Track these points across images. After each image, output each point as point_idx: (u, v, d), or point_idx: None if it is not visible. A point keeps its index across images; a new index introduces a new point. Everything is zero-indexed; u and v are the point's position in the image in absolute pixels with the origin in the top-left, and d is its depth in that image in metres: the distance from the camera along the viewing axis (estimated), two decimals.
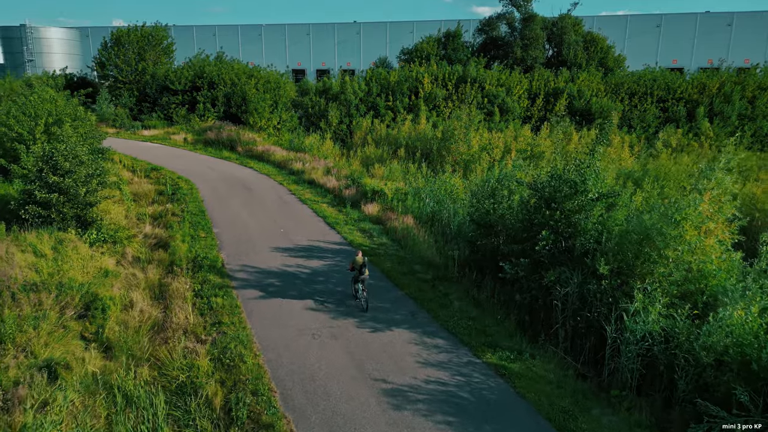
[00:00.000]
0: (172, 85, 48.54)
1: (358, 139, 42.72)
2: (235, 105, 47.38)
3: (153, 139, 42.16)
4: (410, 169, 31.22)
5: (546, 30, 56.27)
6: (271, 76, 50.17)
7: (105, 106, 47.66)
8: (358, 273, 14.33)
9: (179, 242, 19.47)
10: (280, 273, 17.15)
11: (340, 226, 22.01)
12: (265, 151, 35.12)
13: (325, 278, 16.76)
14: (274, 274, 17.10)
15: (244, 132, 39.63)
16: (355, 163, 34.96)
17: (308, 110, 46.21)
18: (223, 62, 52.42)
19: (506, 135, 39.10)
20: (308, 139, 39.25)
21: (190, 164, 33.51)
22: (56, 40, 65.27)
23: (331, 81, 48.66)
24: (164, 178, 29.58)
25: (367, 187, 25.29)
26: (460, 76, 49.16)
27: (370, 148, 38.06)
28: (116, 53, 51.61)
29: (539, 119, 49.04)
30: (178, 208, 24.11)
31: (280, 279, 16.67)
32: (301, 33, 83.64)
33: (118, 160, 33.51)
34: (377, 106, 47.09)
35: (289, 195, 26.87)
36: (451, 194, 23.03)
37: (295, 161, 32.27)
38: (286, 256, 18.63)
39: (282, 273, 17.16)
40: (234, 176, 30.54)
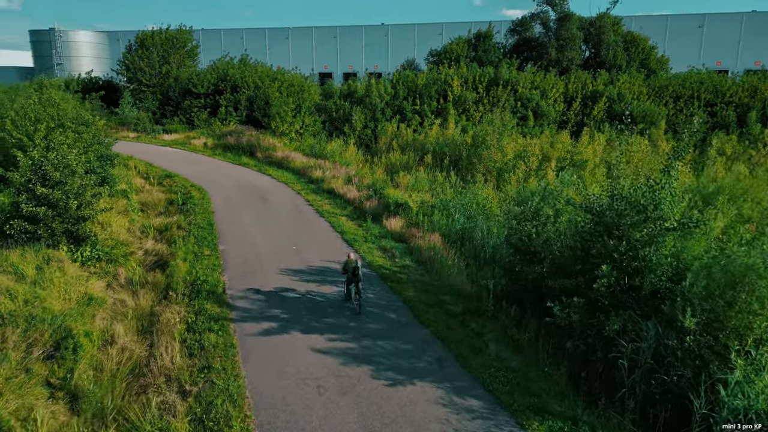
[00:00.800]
0: (194, 89, 47.02)
1: (383, 144, 40.31)
2: (258, 109, 45.56)
3: (173, 143, 40.57)
4: (437, 178, 28.61)
5: (583, 30, 52.91)
6: (295, 79, 48.22)
7: (128, 109, 46.41)
8: (352, 275, 13.79)
9: (180, 261, 17.32)
10: (287, 301, 14.79)
11: (358, 243, 19.56)
12: (284, 157, 32.99)
13: (336, 310, 14.32)
14: (280, 301, 14.74)
15: (264, 137, 37.63)
16: (378, 170, 32.54)
17: (332, 114, 44.01)
18: (247, 65, 50.74)
19: (542, 141, 36.13)
20: (330, 145, 36.98)
21: (206, 171, 31.60)
22: (84, 43, 64.85)
23: (355, 84, 46.37)
24: (177, 186, 27.69)
25: (390, 199, 22.79)
26: (492, 79, 46.30)
27: (395, 154, 35.60)
28: (140, 56, 50.44)
29: (576, 124, 45.80)
30: (185, 220, 22.06)
31: (286, 309, 14.30)
32: (328, 36, 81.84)
33: (132, 167, 31.90)
34: (404, 110, 44.61)
35: (306, 206, 24.57)
36: (483, 208, 20.36)
37: (314, 169, 30.01)
38: (296, 279, 16.27)
39: (289, 301, 14.78)
40: (250, 184, 28.44)
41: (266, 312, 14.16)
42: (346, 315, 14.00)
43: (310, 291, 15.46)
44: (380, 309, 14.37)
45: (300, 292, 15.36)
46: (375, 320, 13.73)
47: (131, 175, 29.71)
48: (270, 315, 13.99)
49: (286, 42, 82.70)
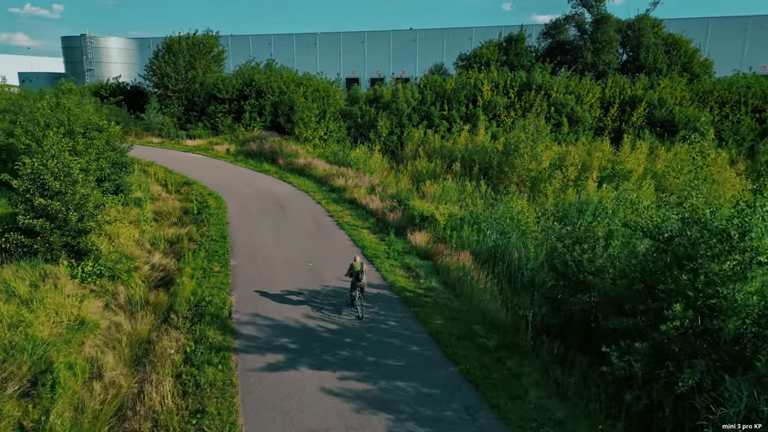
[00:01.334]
0: (219, 94, 46.17)
1: (409, 151, 38.56)
2: (282, 114, 44.39)
3: (195, 149, 39.63)
4: (467, 188, 26.68)
5: (620, 33, 50.28)
6: (320, 84, 46.94)
7: (153, 115, 45.82)
8: (355, 279, 13.57)
9: (186, 278, 15.87)
10: (298, 329, 13.12)
11: (380, 260, 17.80)
12: (306, 164, 31.54)
13: (354, 340, 12.58)
14: (290, 329, 13.08)
15: (287, 143, 36.30)
16: (404, 178, 30.78)
17: (357, 120, 42.49)
18: (272, 70, 49.73)
19: (578, 149, 33.85)
20: (355, 152, 35.41)
21: (226, 178, 30.36)
22: (115, 49, 65.07)
23: (382, 89, 44.79)
24: (194, 194, 26.46)
25: (415, 211, 20.97)
26: (524, 83, 44.11)
27: (421, 162, 33.79)
28: (167, 61, 49.92)
29: (613, 130, 43.22)
30: (198, 231, 20.69)
31: (297, 338, 12.63)
32: (356, 41, 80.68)
33: (152, 173, 30.89)
34: (431, 116, 42.80)
35: (326, 217, 22.96)
36: (518, 223, 18.37)
37: (336, 177, 28.43)
38: (310, 302, 14.60)
39: (300, 329, 13.11)
40: (269, 192, 27.01)
41: (274, 341, 12.51)
42: (362, 347, 12.24)
43: (324, 316, 13.76)
44: (402, 341, 12.58)
45: (313, 317, 13.68)
46: (395, 355, 11.93)
47: (149, 182, 28.66)
48: (278, 345, 12.33)
49: (313, 48, 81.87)
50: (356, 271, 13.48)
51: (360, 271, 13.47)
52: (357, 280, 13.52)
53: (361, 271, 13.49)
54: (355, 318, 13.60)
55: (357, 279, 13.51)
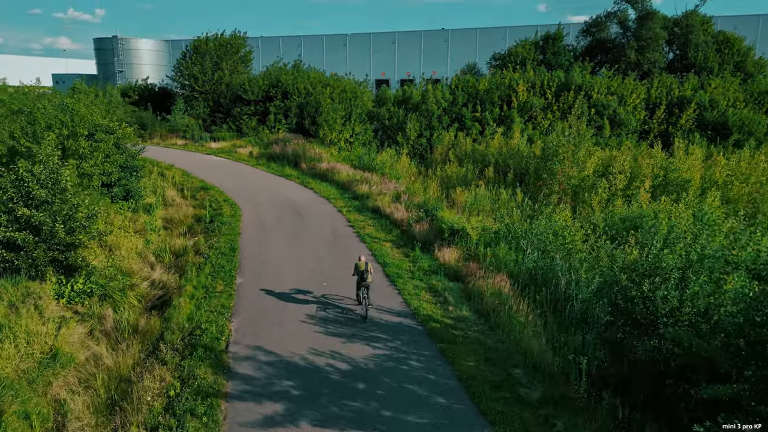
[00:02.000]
0: (245, 95, 44.74)
1: (439, 154, 36.22)
2: (308, 116, 42.65)
3: (218, 152, 38.18)
4: (501, 196, 24.19)
5: (666, 30, 46.75)
6: (347, 85, 45.05)
7: (178, 116, 44.71)
8: (360, 279, 13.10)
9: (185, 299, 13.99)
10: (303, 368, 11.00)
11: (403, 280, 15.56)
12: (329, 169, 29.55)
13: (369, 385, 10.39)
14: (294, 368, 10.98)
15: (310, 146, 34.43)
16: (432, 185, 28.46)
17: (384, 122, 40.36)
18: (299, 71, 48.12)
19: (623, 154, 30.93)
20: (381, 156, 33.28)
21: (245, 182, 28.65)
22: (146, 51, 64.70)
23: (411, 89, 42.56)
24: (210, 200, 24.78)
25: (444, 223, 18.64)
26: (562, 83, 41.19)
27: (451, 167, 31.40)
28: (194, 62, 48.88)
29: (660, 134, 39.94)
30: (207, 242, 18.88)
31: (301, 381, 10.52)
32: (386, 41, 78.66)
33: (170, 177, 29.44)
34: (462, 118, 40.33)
35: (347, 227, 20.86)
36: (563, 240, 15.86)
37: (360, 183, 26.32)
38: (321, 332, 12.47)
39: (306, 368, 10.99)
40: (288, 199, 25.10)
41: (274, 385, 10.43)
42: (378, 395, 10.03)
43: (335, 352, 11.61)
44: (426, 388, 10.32)
45: (323, 353, 11.55)
46: (417, 408, 9.69)
47: (166, 187, 27.15)
48: (278, 390, 10.24)
49: (343, 49, 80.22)
50: (361, 271, 13.06)
51: (365, 271, 13.02)
52: (362, 279, 13.03)
53: (366, 270, 13.03)
54: (360, 318, 13.06)
55: (362, 278, 13.03)
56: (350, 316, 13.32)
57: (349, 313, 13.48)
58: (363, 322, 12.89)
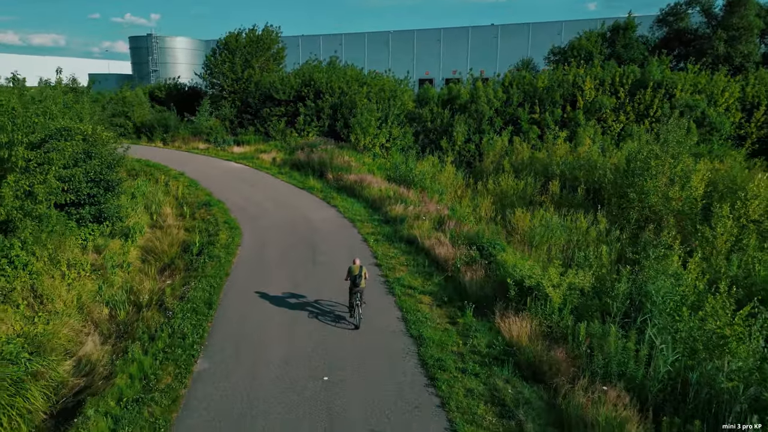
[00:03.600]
0: (276, 94, 39.83)
1: (490, 162, 30.07)
2: (342, 118, 37.31)
3: (240, 158, 33.32)
4: (579, 224, 17.89)
5: (761, 18, 38.77)
6: (386, 83, 39.42)
7: (203, 118, 40.26)
8: (353, 284, 11.33)
9: (103, 406, 8.69)
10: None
11: (448, 377, 9.70)
12: (358, 181, 23.97)
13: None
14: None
15: (339, 154, 28.97)
16: (484, 203, 22.41)
17: (426, 124, 34.50)
18: (335, 68, 42.88)
19: (728, 166, 24.01)
20: (421, 164, 27.45)
21: (258, 196, 23.48)
22: (181, 50, 61.11)
23: (458, 87, 36.50)
24: (210, 220, 19.69)
25: (509, 273, 12.62)
26: (637, 80, 34.16)
27: (507, 179, 25.23)
28: (223, 59, 44.44)
29: (759, 139, 32.42)
30: (180, 291, 13.64)
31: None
32: (431, 39, 72.60)
33: (174, 189, 24.61)
34: (518, 120, 33.98)
35: (372, 265, 15.18)
36: (715, 338, 9.48)
37: (394, 201, 20.60)
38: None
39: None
40: (304, 221, 19.69)
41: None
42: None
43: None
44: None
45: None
46: None
47: (163, 201, 22.29)
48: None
49: (385, 47, 74.71)
50: (354, 275, 11.39)
51: (358, 276, 11.38)
52: (354, 285, 11.42)
53: (359, 275, 11.39)
54: (353, 327, 11.40)
55: (354, 284, 11.41)
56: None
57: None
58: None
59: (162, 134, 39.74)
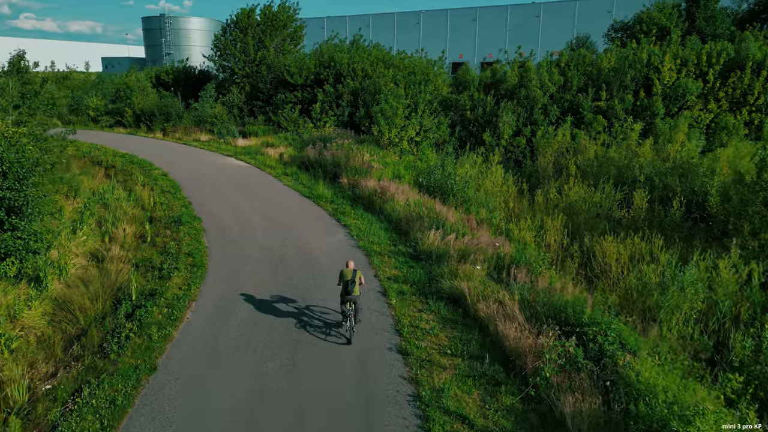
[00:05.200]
0: (290, 78, 33.73)
1: (546, 161, 23.37)
2: (364, 105, 30.99)
3: (243, 152, 27.43)
4: (722, 279, 11.21)
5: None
6: (416, 65, 32.85)
7: (207, 105, 34.49)
8: (344, 291, 9.19)
9: None
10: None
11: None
12: (379, 190, 17.66)
13: None
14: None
15: (358, 151, 22.67)
16: (552, 225, 15.84)
17: (465, 113, 27.87)
18: (359, 48, 36.44)
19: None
20: (463, 168, 20.95)
21: (250, 209, 17.52)
22: (196, 31, 55.39)
23: (503, 69, 29.64)
24: (173, 248, 13.81)
25: (652, 409, 6.29)
26: (731, 59, 26.66)
27: (576, 188, 18.58)
28: (233, 39, 38.53)
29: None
30: (60, 408, 7.72)
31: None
32: (466, 19, 65.12)
33: (146, 197, 18.89)
34: (579, 108, 26.99)
35: (392, 354, 9.00)
36: None
37: (426, 224, 14.23)
38: None
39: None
40: (301, 252, 13.58)
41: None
42: None
43: None
44: None
45: None
46: None
47: (125, 218, 16.53)
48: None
49: (416, 28, 67.60)
50: (347, 281, 9.14)
51: (351, 281, 9.09)
52: (346, 292, 9.14)
53: (352, 280, 9.09)
54: (345, 342, 9.13)
55: (345, 291, 9.14)
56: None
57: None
58: None
59: (162, 123, 34.21)
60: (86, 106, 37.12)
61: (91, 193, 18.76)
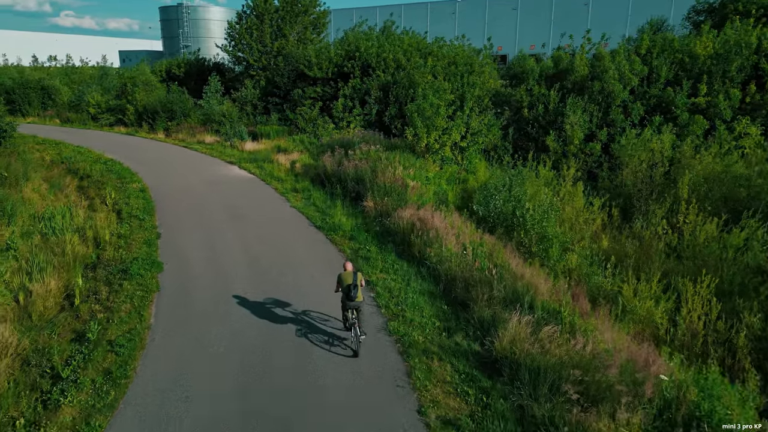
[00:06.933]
0: (309, 71, 28.35)
1: (631, 174, 17.23)
2: (395, 102, 25.36)
3: (249, 159, 22.16)
4: None
5: None
6: (458, 55, 27.05)
7: (214, 101, 29.43)
8: (346, 297, 7.84)
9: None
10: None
11: None
12: (418, 223, 11.99)
13: None
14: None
15: (387, 161, 17.00)
16: (694, 302, 9.87)
17: (522, 112, 21.91)
18: (389, 35, 30.83)
19: None
20: (533, 186, 15.06)
21: (233, 253, 12.17)
22: (216, 22, 50.57)
23: (569, 58, 23.50)
24: (87, 328, 8.54)
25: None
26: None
27: (702, 224, 12.51)
28: (249, 27, 33.41)
29: None
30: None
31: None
32: (506, 7, 58.54)
33: (106, 224, 13.80)
34: (670, 104, 20.69)
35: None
36: None
37: (492, 294, 8.56)
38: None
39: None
40: (298, 352, 8.15)
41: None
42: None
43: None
44: None
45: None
46: None
47: (59, 262, 11.42)
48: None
49: (451, 18, 61.39)
50: (347, 285, 7.79)
51: (354, 285, 7.72)
52: (348, 298, 7.80)
53: (354, 285, 7.72)
54: (352, 354, 7.83)
55: (347, 297, 7.81)
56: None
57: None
58: None
59: (166, 122, 29.34)
60: (87, 103, 32.61)
61: (32, 218, 13.77)
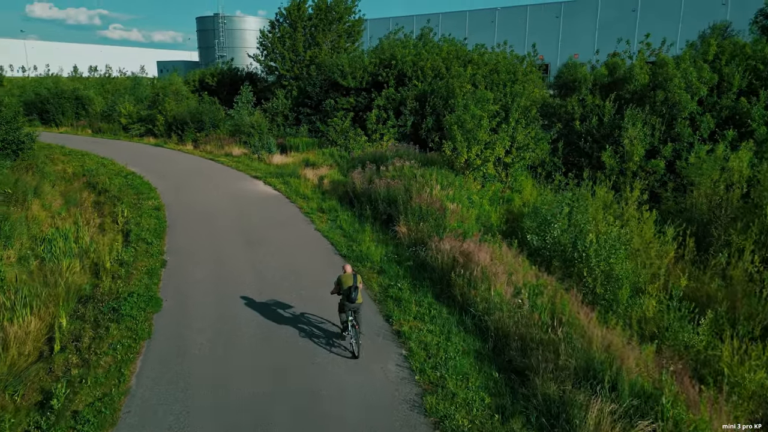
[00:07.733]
0: (342, 80, 26.84)
1: (710, 201, 14.66)
2: (432, 113, 23.46)
3: (275, 174, 20.67)
4: None
5: None
6: (500, 62, 24.98)
7: (244, 111, 28.27)
8: (346, 299, 7.68)
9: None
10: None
11: None
12: (460, 258, 9.99)
13: None
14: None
15: (423, 179, 15.05)
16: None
17: (573, 125, 19.57)
18: (427, 42, 29.07)
19: None
20: (590, 210, 12.81)
21: (245, 287, 10.48)
22: (252, 32, 50.12)
23: (625, 65, 21.04)
24: (54, 392, 6.89)
25: None
26: None
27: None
28: (281, 36, 32.31)
29: None
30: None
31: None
32: (549, 15, 55.87)
33: (108, 247, 12.36)
34: (744, 117, 17.94)
35: None
36: None
37: (558, 361, 6.45)
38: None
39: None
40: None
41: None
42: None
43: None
44: None
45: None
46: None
47: (40, 298, 10.00)
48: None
49: (491, 27, 59.16)
50: (348, 287, 7.63)
51: (354, 287, 7.57)
52: (348, 300, 7.64)
53: (355, 287, 7.57)
54: (350, 356, 7.71)
55: (348, 299, 7.63)
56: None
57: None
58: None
59: (194, 133, 28.38)
60: (118, 113, 32.14)
61: (33, 240, 12.50)
